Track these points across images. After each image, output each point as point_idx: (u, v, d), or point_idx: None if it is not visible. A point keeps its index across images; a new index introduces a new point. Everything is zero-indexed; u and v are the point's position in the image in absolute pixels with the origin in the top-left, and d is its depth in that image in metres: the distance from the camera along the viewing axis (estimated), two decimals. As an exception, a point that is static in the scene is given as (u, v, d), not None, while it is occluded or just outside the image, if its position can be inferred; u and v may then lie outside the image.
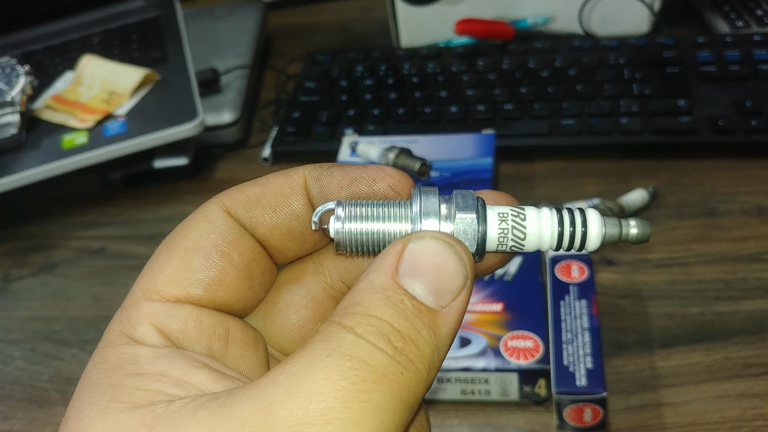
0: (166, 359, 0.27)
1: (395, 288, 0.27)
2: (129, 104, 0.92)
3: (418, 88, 0.97)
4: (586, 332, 0.61)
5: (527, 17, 1.05)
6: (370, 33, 1.18)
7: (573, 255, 0.67)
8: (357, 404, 0.23)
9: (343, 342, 0.25)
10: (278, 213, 0.31)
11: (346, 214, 0.30)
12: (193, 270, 0.30)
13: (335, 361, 0.24)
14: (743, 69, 0.90)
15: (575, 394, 0.57)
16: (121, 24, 1.09)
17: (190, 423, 0.24)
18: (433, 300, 0.27)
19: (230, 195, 0.32)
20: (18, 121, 0.90)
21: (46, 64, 1.02)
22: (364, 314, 0.26)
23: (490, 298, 0.66)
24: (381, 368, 0.24)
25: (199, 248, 0.30)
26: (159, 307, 0.29)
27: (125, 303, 0.30)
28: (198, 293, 0.30)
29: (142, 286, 0.30)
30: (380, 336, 0.25)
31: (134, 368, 0.27)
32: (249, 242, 0.31)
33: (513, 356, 0.61)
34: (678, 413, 0.61)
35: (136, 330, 0.28)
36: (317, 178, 0.32)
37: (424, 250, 0.28)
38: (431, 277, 0.27)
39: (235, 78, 1.03)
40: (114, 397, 0.26)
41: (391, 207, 0.30)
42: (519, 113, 0.90)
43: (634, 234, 0.30)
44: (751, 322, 0.67)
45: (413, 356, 0.25)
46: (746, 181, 0.81)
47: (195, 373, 0.27)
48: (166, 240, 0.31)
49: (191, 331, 0.29)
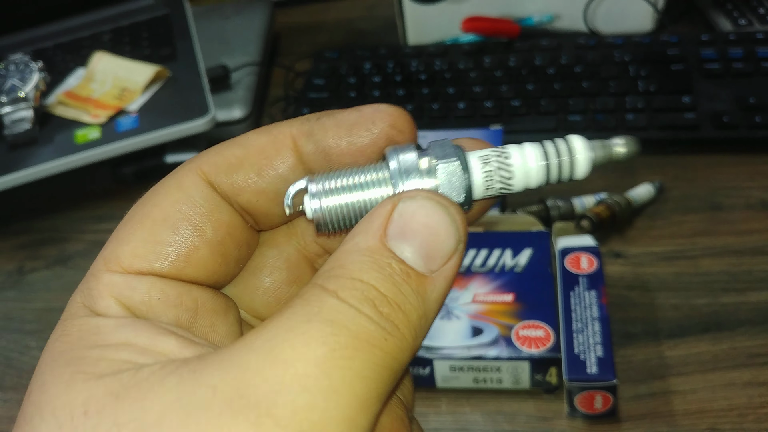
0: (129, 328, 0.26)
1: (383, 251, 0.25)
2: (141, 100, 0.93)
3: (425, 84, 0.98)
4: (596, 322, 0.62)
5: (533, 15, 1.06)
6: (376, 31, 1.20)
7: (582, 247, 0.68)
8: (337, 371, 0.22)
9: (324, 306, 0.23)
10: (264, 176, 0.29)
11: (321, 189, 0.28)
12: (160, 243, 0.27)
13: (315, 326, 0.23)
14: (746, 66, 0.92)
15: (586, 382, 0.59)
16: (131, 22, 1.09)
17: (158, 390, 0.22)
18: (422, 264, 0.25)
19: (209, 159, 0.29)
20: (32, 117, 0.91)
21: (57, 61, 1.03)
22: (349, 277, 0.24)
23: (501, 289, 0.67)
24: (364, 334, 0.23)
25: (169, 219, 0.28)
26: (120, 279, 0.27)
27: (88, 274, 0.28)
28: (163, 268, 0.28)
29: (105, 255, 0.28)
30: (365, 301, 0.24)
31: (97, 339, 0.25)
32: (225, 215, 0.29)
33: (524, 345, 0.62)
34: (686, 401, 0.62)
35: (96, 303, 0.27)
36: (309, 133, 0.29)
37: (415, 211, 0.26)
38: (422, 240, 0.26)
39: (245, 75, 1.04)
40: (78, 368, 0.24)
41: (367, 172, 0.28)
42: (526, 109, 0.92)
43: (622, 152, 0.29)
44: (757, 312, 0.68)
45: (399, 322, 0.24)
46: (750, 175, 0.83)
47: (162, 340, 0.25)
48: (136, 206, 0.29)
49: (155, 303, 0.27)
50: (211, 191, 0.28)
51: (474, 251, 0.71)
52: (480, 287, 0.68)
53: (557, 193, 0.80)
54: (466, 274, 0.69)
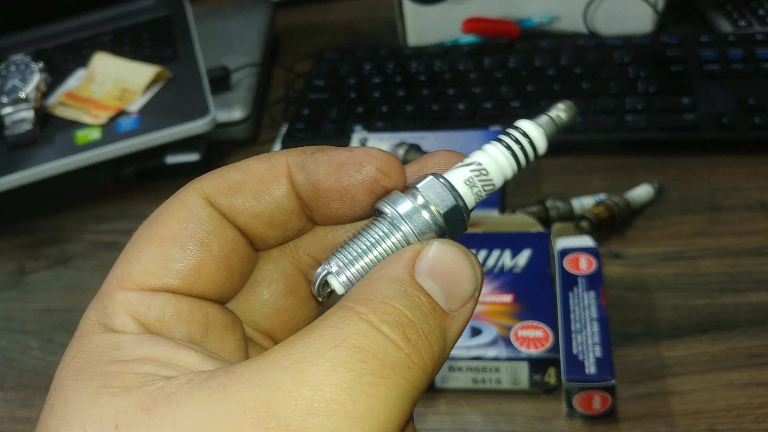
0: (149, 343, 0.26)
1: (412, 283, 0.27)
2: (141, 101, 0.93)
3: (425, 85, 0.99)
4: (594, 322, 0.63)
5: (533, 16, 1.07)
6: (376, 32, 1.20)
7: (581, 247, 0.69)
8: (363, 398, 0.23)
9: (353, 332, 0.24)
10: (260, 201, 0.30)
11: (341, 265, 0.29)
12: (170, 260, 0.28)
13: (343, 353, 0.24)
14: (746, 67, 0.92)
15: (584, 382, 0.59)
16: (132, 22, 1.10)
17: (189, 405, 0.23)
18: (445, 302, 0.27)
19: (210, 181, 0.30)
20: (32, 117, 0.91)
21: (58, 62, 1.04)
22: (381, 302, 0.25)
23: (501, 290, 0.67)
24: (390, 362, 0.24)
25: (177, 237, 0.29)
26: (134, 296, 0.28)
27: (100, 292, 0.29)
28: (175, 283, 0.29)
29: (117, 275, 0.29)
30: (395, 326, 0.25)
31: (118, 354, 0.26)
32: (229, 232, 0.30)
33: (523, 345, 0.63)
34: (685, 401, 0.62)
35: (112, 320, 0.27)
36: (302, 165, 0.30)
37: (442, 254, 0.28)
38: (446, 281, 0.27)
39: (245, 76, 1.04)
40: (103, 382, 0.25)
41: (374, 230, 0.30)
42: (526, 110, 0.92)
43: (565, 117, 0.31)
44: (756, 313, 0.68)
45: (423, 351, 0.25)
46: (749, 176, 0.83)
47: (183, 354, 0.26)
48: (143, 227, 0.30)
49: (169, 319, 0.28)
50: (213, 210, 0.30)
51: (473, 252, 0.71)
52: (479, 288, 0.68)
53: (556, 194, 0.80)
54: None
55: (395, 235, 0.29)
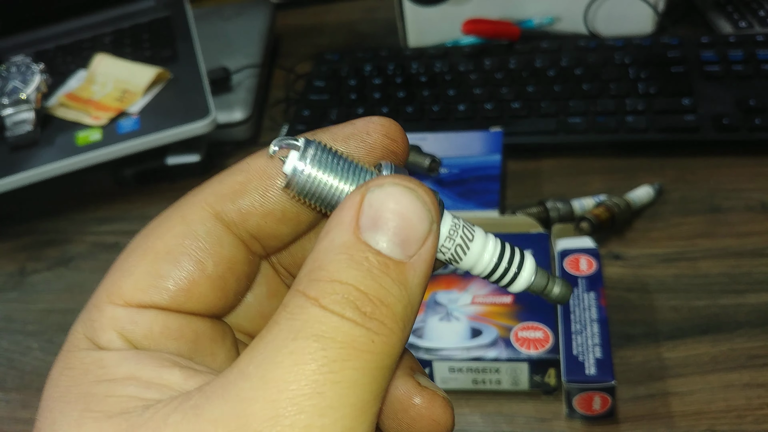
0: (133, 361, 0.26)
1: (358, 245, 0.25)
2: (142, 102, 0.93)
3: (426, 87, 0.99)
4: (594, 323, 0.63)
5: (533, 17, 1.07)
6: (377, 33, 1.20)
7: (581, 249, 0.69)
8: (329, 386, 0.22)
9: (308, 320, 0.23)
10: (268, 198, 0.29)
11: (315, 157, 0.27)
12: (162, 277, 0.28)
13: (301, 344, 0.23)
14: (746, 68, 0.92)
15: (585, 383, 0.59)
16: (132, 24, 1.10)
17: (163, 429, 0.23)
18: (399, 251, 0.25)
19: (212, 189, 0.29)
20: (33, 118, 0.91)
21: (58, 63, 1.04)
22: (329, 280, 0.24)
23: (501, 291, 0.67)
24: (351, 342, 0.23)
25: (171, 253, 0.28)
26: (123, 312, 0.27)
27: (89, 304, 0.28)
28: (164, 301, 0.28)
29: (107, 287, 0.28)
30: (346, 304, 0.24)
31: (103, 373, 0.26)
32: (227, 249, 0.29)
33: (523, 346, 0.63)
34: (685, 402, 0.62)
35: (99, 336, 0.27)
36: None
37: (384, 199, 0.25)
38: (395, 227, 0.25)
39: (246, 77, 1.05)
40: (86, 406, 0.25)
41: (362, 171, 0.28)
42: (526, 111, 0.92)
43: (555, 293, 0.30)
44: (756, 314, 0.68)
45: (384, 318, 0.24)
46: (750, 177, 0.83)
47: (167, 373, 0.26)
48: (139, 237, 0.29)
49: (157, 336, 0.28)
50: (215, 224, 0.29)
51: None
52: (479, 289, 0.68)
53: (557, 195, 0.80)
54: (465, 276, 0.69)
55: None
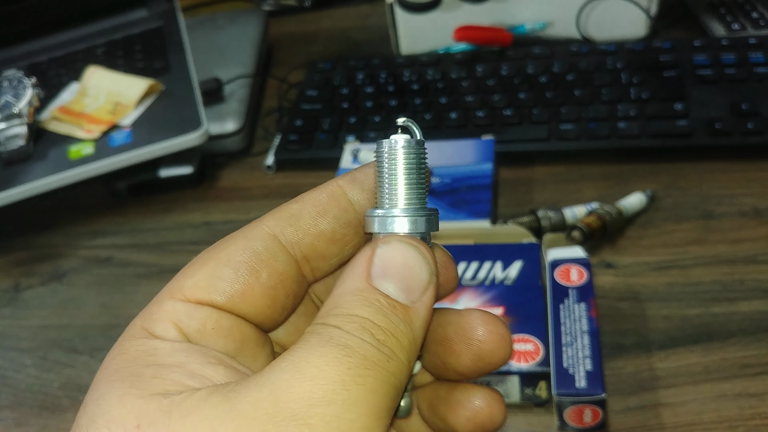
0: (184, 353, 0.29)
1: (370, 289, 0.29)
2: (134, 115, 0.93)
3: (418, 94, 0.98)
4: (585, 335, 0.62)
5: (525, 23, 1.06)
6: (369, 40, 1.20)
7: (572, 259, 0.68)
8: (354, 387, 0.26)
9: (334, 335, 0.27)
10: (321, 221, 0.33)
11: (417, 146, 0.33)
12: (221, 279, 0.31)
13: (331, 350, 0.26)
14: (739, 72, 0.92)
15: (575, 396, 0.59)
16: (125, 35, 1.10)
17: (204, 408, 0.26)
18: (404, 297, 0.29)
19: (272, 215, 0.33)
20: (25, 133, 0.91)
21: (51, 76, 1.04)
22: (347, 314, 0.28)
23: (491, 303, 0.67)
24: (370, 356, 0.27)
25: (232, 261, 0.31)
26: (181, 306, 0.31)
27: (151, 302, 0.31)
28: (220, 301, 0.31)
29: (170, 287, 0.31)
30: (364, 330, 0.28)
31: (153, 359, 0.29)
32: (281, 264, 0.32)
33: (514, 359, 0.62)
34: (676, 413, 0.62)
35: (156, 326, 0.30)
36: (353, 180, 0.34)
37: (391, 254, 0.30)
38: (400, 277, 0.30)
39: (238, 87, 1.05)
40: (132, 384, 0.27)
41: (417, 198, 0.33)
42: (518, 119, 0.92)
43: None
44: (748, 323, 0.68)
45: (394, 347, 0.28)
46: (743, 183, 0.82)
47: (211, 368, 0.29)
48: (206, 250, 0.33)
49: (209, 331, 0.31)
50: (274, 241, 0.32)
51: (465, 264, 0.71)
52: (471, 301, 0.68)
53: (548, 204, 0.80)
54: (456, 288, 0.69)
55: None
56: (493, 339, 0.33)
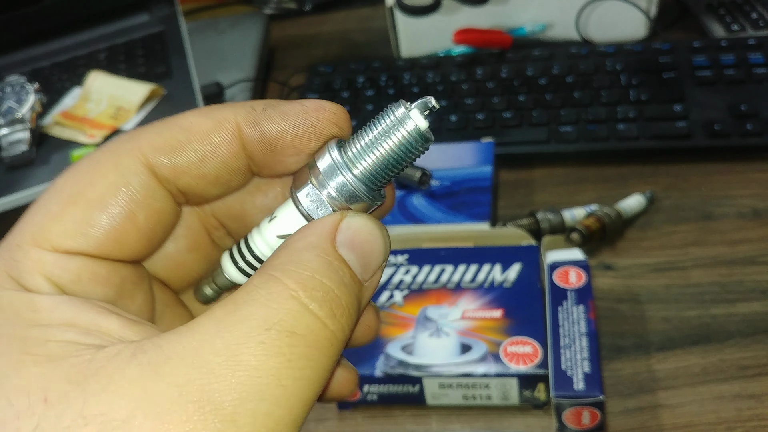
0: (68, 306, 0.26)
1: (336, 254, 0.27)
2: (136, 119, 0.94)
3: (417, 97, 0.98)
4: (583, 337, 0.63)
5: (525, 25, 1.07)
6: (370, 43, 1.20)
7: (571, 261, 0.69)
8: (291, 382, 0.24)
9: (284, 313, 0.25)
10: (206, 162, 0.29)
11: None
12: (92, 226, 0.28)
13: (274, 336, 0.24)
14: (738, 73, 0.92)
15: (573, 398, 0.59)
16: (127, 39, 1.10)
17: (121, 382, 0.23)
18: (361, 273, 0.28)
19: (149, 139, 0.29)
20: (28, 138, 0.92)
21: (54, 81, 1.04)
22: (310, 276, 0.26)
23: (490, 305, 0.67)
24: (316, 342, 0.25)
25: (104, 203, 0.28)
26: (51, 257, 0.27)
27: (9, 241, 0.28)
28: (93, 249, 0.28)
29: (31, 229, 0.28)
30: (325, 303, 0.26)
31: (36, 317, 0.25)
32: (159, 202, 0.29)
33: (513, 362, 0.63)
34: (675, 415, 0.62)
35: (25, 279, 0.27)
36: (255, 123, 0.30)
37: (361, 226, 0.29)
38: (362, 252, 0.28)
39: (240, 91, 1.05)
40: (24, 349, 0.24)
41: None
42: (517, 121, 0.92)
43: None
44: (747, 324, 0.68)
45: (345, 323, 0.27)
46: (742, 184, 0.83)
47: (104, 320, 0.26)
48: (67, 179, 0.29)
49: (85, 282, 0.28)
50: (149, 177, 0.29)
51: (464, 267, 0.71)
52: (469, 303, 0.68)
53: (548, 206, 0.80)
54: (455, 290, 0.69)
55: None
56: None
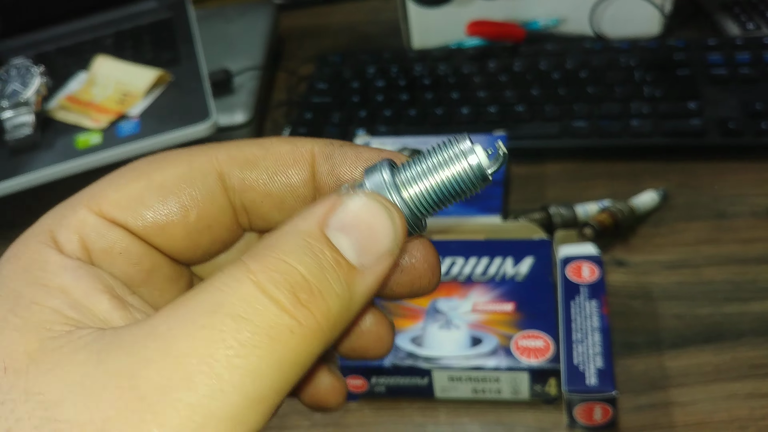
0: (72, 274, 0.26)
1: (319, 237, 0.25)
2: (142, 105, 0.93)
3: (429, 89, 0.98)
4: (596, 332, 0.62)
5: (538, 19, 1.06)
6: (380, 34, 1.19)
7: (584, 255, 0.68)
8: (227, 371, 0.22)
9: (236, 295, 0.23)
10: (275, 181, 0.30)
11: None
12: (144, 205, 0.28)
13: (218, 320, 0.23)
14: (753, 71, 0.91)
15: (585, 393, 0.58)
16: (134, 25, 1.09)
17: (65, 366, 0.23)
18: (356, 257, 0.26)
19: (228, 151, 0.29)
20: (33, 121, 0.90)
21: (59, 65, 1.03)
22: (274, 257, 0.24)
23: (502, 298, 0.66)
24: (268, 329, 0.23)
25: (164, 188, 0.28)
26: (93, 220, 0.28)
27: (70, 200, 0.29)
28: (136, 228, 0.28)
29: (91, 192, 0.28)
30: (284, 286, 0.24)
31: (40, 276, 0.26)
32: (215, 209, 0.29)
33: (524, 355, 0.62)
34: (687, 412, 0.61)
35: (61, 234, 0.27)
36: (329, 156, 0.30)
37: (360, 207, 0.26)
38: (360, 235, 0.26)
39: (248, 79, 1.04)
40: (12, 307, 0.25)
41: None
42: (530, 115, 0.91)
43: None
44: (760, 323, 0.67)
45: (317, 310, 0.24)
46: (755, 183, 0.82)
47: (96, 298, 0.26)
48: (144, 160, 0.29)
49: (115, 254, 0.28)
50: (216, 182, 0.29)
51: (475, 259, 0.70)
52: (480, 296, 0.67)
53: (560, 201, 0.79)
54: (466, 283, 0.68)
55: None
56: (422, 266, 0.30)
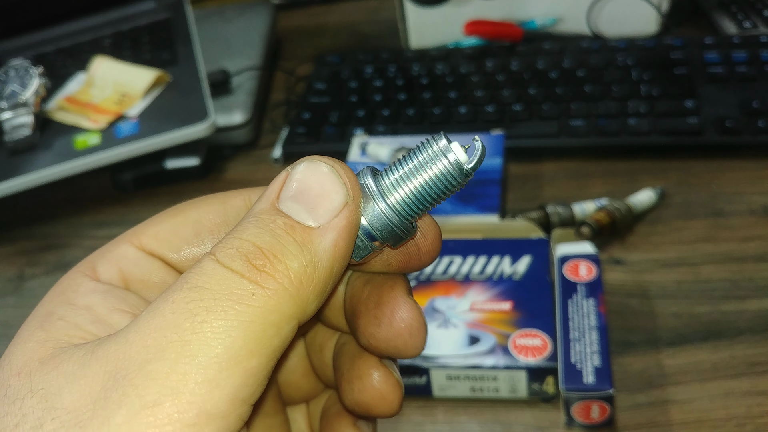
0: (100, 294, 0.28)
1: (271, 210, 0.27)
2: (141, 105, 0.93)
3: (427, 89, 0.98)
4: (593, 330, 0.62)
5: (536, 18, 1.06)
6: (378, 34, 1.19)
7: (581, 254, 0.68)
8: (194, 336, 0.23)
9: (195, 272, 0.25)
10: None
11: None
12: (180, 238, 0.30)
13: (183, 294, 0.24)
14: (750, 70, 0.91)
15: (583, 391, 0.58)
16: (132, 26, 1.09)
17: (66, 363, 0.24)
18: (309, 217, 0.26)
19: (261, 190, 0.30)
20: (32, 122, 0.91)
21: (58, 66, 1.03)
22: (232, 237, 0.26)
23: (499, 297, 0.66)
24: (228, 294, 0.24)
25: (198, 223, 0.30)
26: (133, 252, 0.30)
27: (115, 239, 0.31)
28: (172, 258, 0.30)
29: (137, 230, 0.31)
30: (237, 257, 0.25)
31: (72, 297, 0.28)
32: None
33: (521, 354, 0.62)
34: (684, 410, 0.61)
35: (100, 265, 0.29)
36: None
37: (304, 172, 0.27)
38: (308, 196, 0.27)
39: (246, 79, 1.04)
40: (41, 324, 0.27)
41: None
42: (527, 114, 0.91)
43: None
44: (757, 321, 0.67)
45: (275, 272, 0.25)
46: (753, 181, 0.82)
47: (119, 315, 0.27)
48: (187, 202, 0.31)
49: (151, 285, 0.30)
50: None
51: (473, 258, 0.70)
52: (478, 295, 0.67)
53: (558, 199, 0.79)
54: (464, 282, 0.68)
55: None
56: (403, 332, 0.30)
